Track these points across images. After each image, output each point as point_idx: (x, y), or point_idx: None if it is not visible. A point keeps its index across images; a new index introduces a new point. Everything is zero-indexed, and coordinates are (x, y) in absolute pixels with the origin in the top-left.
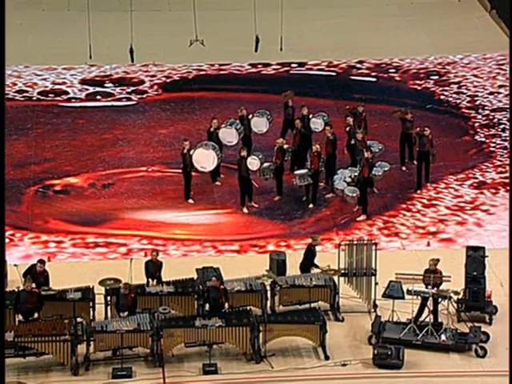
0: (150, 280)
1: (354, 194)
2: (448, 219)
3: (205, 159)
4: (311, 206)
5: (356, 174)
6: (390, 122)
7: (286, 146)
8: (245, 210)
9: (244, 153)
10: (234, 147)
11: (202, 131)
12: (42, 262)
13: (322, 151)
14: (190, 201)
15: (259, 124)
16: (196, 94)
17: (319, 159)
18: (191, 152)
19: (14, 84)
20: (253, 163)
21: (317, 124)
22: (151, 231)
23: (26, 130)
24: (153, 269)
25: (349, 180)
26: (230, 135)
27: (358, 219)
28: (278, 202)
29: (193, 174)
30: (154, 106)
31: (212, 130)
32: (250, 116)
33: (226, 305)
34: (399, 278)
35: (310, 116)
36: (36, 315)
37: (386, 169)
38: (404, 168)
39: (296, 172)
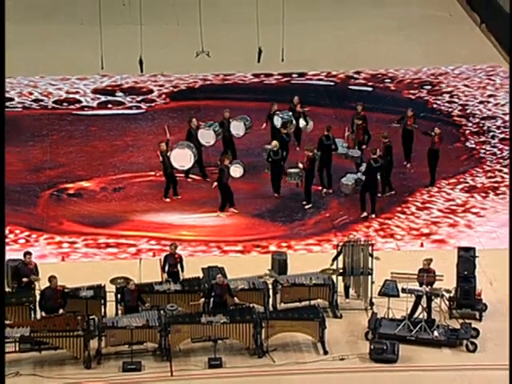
0: (165, 274)
1: (350, 183)
2: (440, 221)
3: (182, 158)
4: (308, 206)
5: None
6: (388, 129)
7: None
8: (222, 215)
9: (227, 162)
10: (211, 147)
11: None
12: (29, 253)
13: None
14: (167, 200)
15: (237, 128)
16: (202, 103)
17: (312, 161)
18: (169, 153)
19: (31, 93)
20: (236, 171)
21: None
22: (159, 232)
23: (41, 136)
24: (171, 262)
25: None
26: (208, 136)
27: (361, 216)
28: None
29: (199, 178)
30: (162, 114)
31: (192, 129)
32: (231, 119)
33: (235, 299)
34: (394, 277)
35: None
36: (61, 311)
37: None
38: (408, 165)
39: (288, 170)
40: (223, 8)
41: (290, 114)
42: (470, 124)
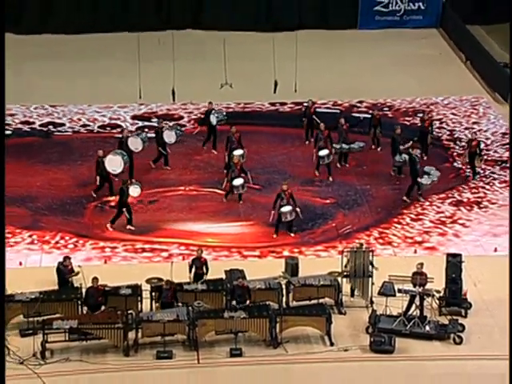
0: (191, 275)
1: (428, 182)
2: (432, 231)
3: (114, 163)
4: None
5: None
6: (384, 150)
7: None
8: (110, 228)
9: (128, 183)
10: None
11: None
12: (68, 258)
13: None
14: (95, 195)
15: (169, 136)
16: (225, 128)
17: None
18: (104, 159)
19: (79, 119)
20: (135, 191)
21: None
22: (188, 239)
23: (88, 156)
24: (198, 264)
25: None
26: (136, 143)
27: (403, 198)
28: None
29: (217, 191)
30: (190, 137)
31: (122, 138)
32: (164, 129)
33: (248, 301)
34: (391, 279)
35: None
36: (103, 308)
37: (434, 179)
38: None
39: (233, 183)
40: (244, 46)
41: (224, 113)
42: (456, 147)
